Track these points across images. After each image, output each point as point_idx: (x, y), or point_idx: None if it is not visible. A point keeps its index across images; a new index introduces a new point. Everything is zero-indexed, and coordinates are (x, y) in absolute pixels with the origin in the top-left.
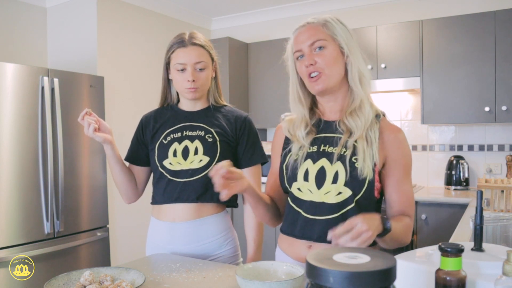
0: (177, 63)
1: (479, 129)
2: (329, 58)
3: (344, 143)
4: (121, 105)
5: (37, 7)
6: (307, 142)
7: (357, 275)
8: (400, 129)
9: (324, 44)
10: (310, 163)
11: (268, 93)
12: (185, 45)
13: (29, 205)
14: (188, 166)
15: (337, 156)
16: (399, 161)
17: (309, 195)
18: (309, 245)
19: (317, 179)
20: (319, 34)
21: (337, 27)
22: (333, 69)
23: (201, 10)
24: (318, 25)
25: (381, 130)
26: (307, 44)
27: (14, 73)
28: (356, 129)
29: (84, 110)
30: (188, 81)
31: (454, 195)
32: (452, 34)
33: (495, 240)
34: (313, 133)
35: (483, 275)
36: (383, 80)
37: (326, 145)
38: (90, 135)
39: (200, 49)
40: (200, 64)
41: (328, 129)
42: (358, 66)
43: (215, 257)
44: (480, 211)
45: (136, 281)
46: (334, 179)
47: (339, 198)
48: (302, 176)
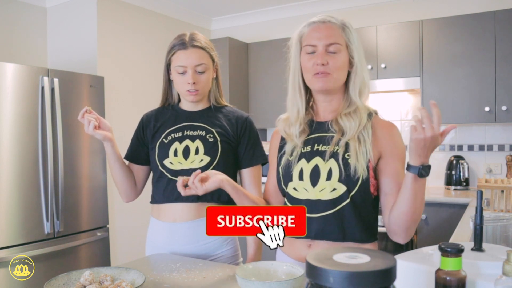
0: (178, 66)
1: (479, 129)
2: (340, 63)
3: (336, 142)
4: (121, 105)
5: (37, 7)
6: (299, 141)
7: (357, 275)
8: (392, 124)
9: (339, 49)
10: (304, 163)
11: (268, 93)
12: (186, 47)
13: (29, 205)
14: (188, 166)
15: (329, 153)
16: (395, 154)
17: (305, 194)
18: (309, 244)
19: (311, 177)
20: (338, 37)
21: (353, 35)
22: (340, 74)
23: (201, 10)
24: (337, 27)
25: (373, 127)
26: (323, 43)
27: (14, 73)
28: (349, 129)
29: (84, 108)
30: (189, 83)
31: (454, 195)
32: (452, 34)
33: (495, 240)
34: (306, 133)
35: (483, 275)
36: (383, 80)
37: (320, 144)
38: (90, 132)
39: (200, 51)
40: (200, 66)
41: (320, 129)
42: (362, 77)
43: (215, 257)
44: (480, 211)
45: (136, 281)
46: (328, 176)
47: (334, 194)
48: (297, 175)
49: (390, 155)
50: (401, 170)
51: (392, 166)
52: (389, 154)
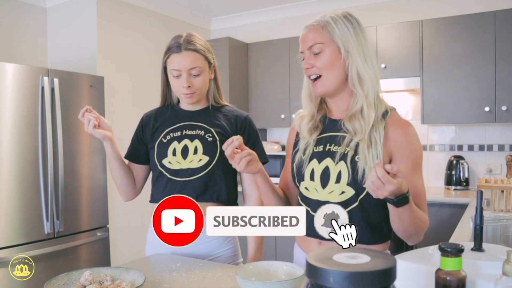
0: (172, 69)
1: (479, 129)
2: (326, 62)
3: (347, 143)
4: (121, 105)
5: (37, 7)
6: (311, 138)
7: (357, 275)
8: (408, 124)
9: (321, 48)
10: (315, 163)
11: (268, 93)
12: (180, 50)
13: (29, 205)
14: (187, 166)
15: (340, 155)
16: (406, 156)
17: (315, 194)
18: (319, 242)
19: (322, 178)
20: (317, 37)
21: (337, 28)
22: (331, 72)
23: (201, 10)
24: (318, 27)
25: (386, 127)
26: (306, 47)
27: (14, 73)
28: (358, 131)
29: (85, 107)
30: (183, 87)
31: (454, 195)
32: (452, 34)
33: (495, 240)
34: (318, 130)
35: (483, 275)
36: (383, 80)
37: (332, 144)
38: (89, 131)
39: (194, 54)
40: (195, 69)
41: (333, 128)
42: (356, 67)
43: (214, 257)
44: (480, 211)
45: (136, 281)
46: (337, 179)
47: (343, 197)
48: (309, 175)
49: (400, 157)
50: (414, 173)
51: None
52: (399, 155)
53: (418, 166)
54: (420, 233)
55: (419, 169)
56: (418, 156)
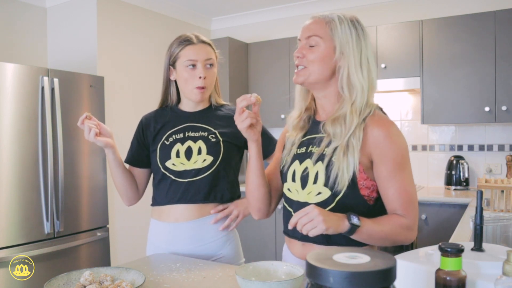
0: (188, 60)
1: (479, 129)
2: (317, 56)
3: (326, 144)
4: (121, 105)
5: (37, 7)
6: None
7: (357, 275)
8: (387, 123)
9: (318, 42)
10: (297, 164)
11: (268, 93)
12: (194, 42)
13: (29, 205)
14: (191, 166)
15: (317, 156)
16: (387, 157)
17: (296, 195)
18: (302, 244)
19: (302, 179)
20: (318, 30)
21: (340, 28)
22: (318, 67)
23: (201, 10)
24: (322, 21)
25: (366, 128)
26: (304, 36)
27: (14, 73)
28: (336, 136)
29: (84, 114)
30: (200, 77)
31: (454, 195)
32: (452, 34)
33: (495, 240)
34: (304, 130)
35: (483, 275)
36: (383, 80)
37: (313, 146)
38: (91, 140)
39: (208, 47)
40: (209, 60)
41: (314, 129)
42: (348, 71)
43: (216, 258)
44: (480, 211)
45: (136, 281)
46: (314, 180)
47: (319, 198)
48: (291, 177)
49: (380, 159)
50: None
51: (378, 170)
52: (379, 157)
53: (402, 166)
54: (401, 241)
55: (404, 168)
56: (401, 155)
